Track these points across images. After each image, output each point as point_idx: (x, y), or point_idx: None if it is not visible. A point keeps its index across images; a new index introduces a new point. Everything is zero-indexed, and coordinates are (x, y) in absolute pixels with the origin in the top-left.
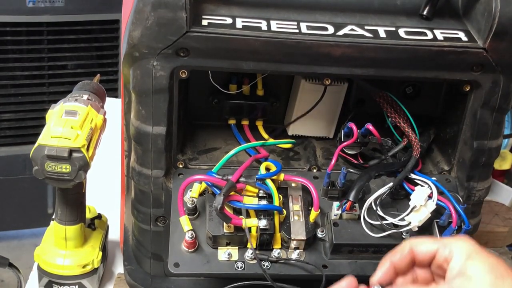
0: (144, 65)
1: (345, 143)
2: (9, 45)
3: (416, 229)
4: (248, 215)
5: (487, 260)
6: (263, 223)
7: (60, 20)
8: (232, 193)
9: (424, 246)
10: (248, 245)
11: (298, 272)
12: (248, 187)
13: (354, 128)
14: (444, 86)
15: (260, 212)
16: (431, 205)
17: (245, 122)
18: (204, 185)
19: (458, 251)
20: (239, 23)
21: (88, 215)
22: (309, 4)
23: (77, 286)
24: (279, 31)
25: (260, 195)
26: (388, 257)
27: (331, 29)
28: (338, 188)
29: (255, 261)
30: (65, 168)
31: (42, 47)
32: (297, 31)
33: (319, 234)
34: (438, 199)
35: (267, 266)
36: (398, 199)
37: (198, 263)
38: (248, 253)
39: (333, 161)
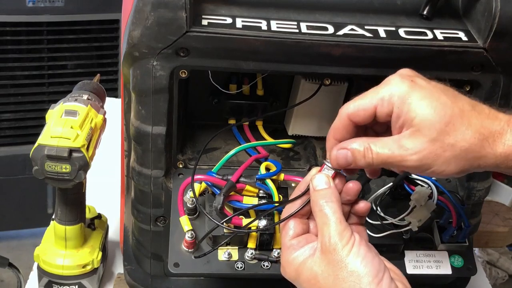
0: (144, 65)
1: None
2: (9, 45)
3: (416, 229)
4: (248, 215)
5: (431, 103)
6: (263, 223)
7: (60, 20)
8: (232, 193)
9: (361, 107)
10: (249, 245)
11: None
12: (248, 187)
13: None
14: None
15: (260, 212)
16: (431, 205)
17: (245, 122)
18: (204, 185)
19: (398, 101)
20: (239, 23)
21: (88, 215)
22: (309, 4)
23: (77, 286)
24: (279, 31)
25: (260, 195)
26: (330, 133)
27: (331, 29)
28: None
29: (255, 261)
30: (65, 168)
31: (42, 47)
32: (297, 31)
33: None
34: (438, 199)
35: (267, 266)
36: (398, 199)
37: (198, 263)
38: (248, 253)
39: None
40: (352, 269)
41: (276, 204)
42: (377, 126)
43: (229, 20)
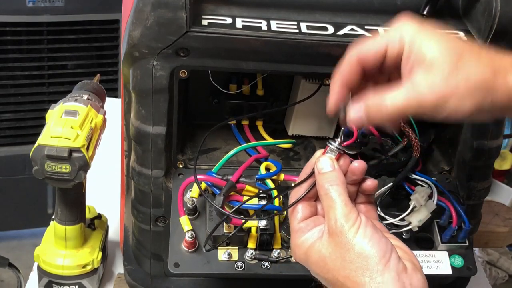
0: (144, 65)
1: (345, 143)
2: (9, 45)
3: (416, 229)
4: (248, 215)
5: (441, 40)
6: (263, 223)
7: (60, 20)
8: (232, 193)
9: (371, 47)
10: (249, 245)
11: (298, 272)
12: (248, 187)
13: (354, 128)
14: None
15: (260, 212)
16: (431, 205)
17: (245, 122)
18: (204, 185)
19: (408, 39)
20: (239, 23)
21: (88, 215)
22: (309, 4)
23: (77, 286)
24: (279, 31)
25: (260, 195)
26: (337, 77)
27: (331, 29)
28: None
29: (255, 261)
30: (65, 168)
31: (42, 47)
32: (297, 31)
33: None
34: (438, 199)
35: (267, 266)
36: (398, 199)
37: (198, 263)
38: (248, 253)
39: None
40: (359, 251)
41: (276, 200)
42: (379, 75)
43: (229, 20)
